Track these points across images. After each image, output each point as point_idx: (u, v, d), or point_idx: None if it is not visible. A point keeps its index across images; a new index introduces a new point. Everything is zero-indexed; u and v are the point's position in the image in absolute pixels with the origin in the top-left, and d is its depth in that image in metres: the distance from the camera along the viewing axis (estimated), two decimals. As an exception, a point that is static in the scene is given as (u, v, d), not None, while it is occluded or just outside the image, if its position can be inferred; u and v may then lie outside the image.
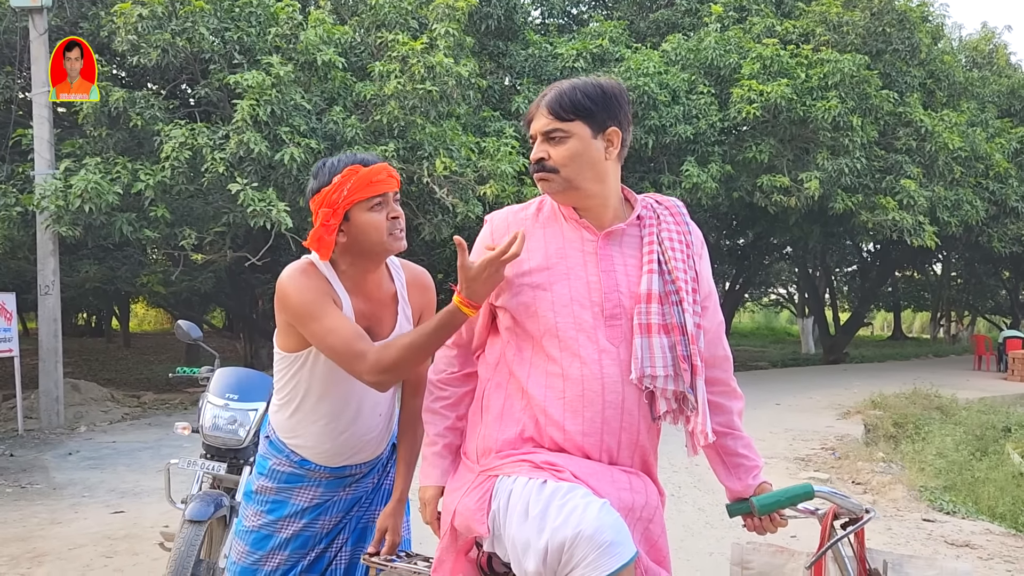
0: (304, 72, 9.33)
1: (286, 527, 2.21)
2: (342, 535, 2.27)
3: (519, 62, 12.29)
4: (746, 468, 1.96)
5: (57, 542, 4.83)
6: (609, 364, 1.78)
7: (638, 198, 1.94)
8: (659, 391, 1.79)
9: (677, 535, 4.81)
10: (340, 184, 2.04)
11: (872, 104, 12.40)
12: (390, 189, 2.08)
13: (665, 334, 1.78)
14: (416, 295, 2.25)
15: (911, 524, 5.54)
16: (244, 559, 2.22)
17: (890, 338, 32.66)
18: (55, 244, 9.48)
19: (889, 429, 9.41)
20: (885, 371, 16.72)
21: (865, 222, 13.05)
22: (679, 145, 11.91)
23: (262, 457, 2.29)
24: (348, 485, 2.26)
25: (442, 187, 9.53)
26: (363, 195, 2.04)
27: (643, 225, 1.89)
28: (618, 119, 1.86)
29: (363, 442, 2.23)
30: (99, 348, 20.96)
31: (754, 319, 41.32)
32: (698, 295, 1.87)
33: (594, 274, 1.82)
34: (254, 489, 2.26)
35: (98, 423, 9.58)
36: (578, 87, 1.84)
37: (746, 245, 21.76)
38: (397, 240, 2.09)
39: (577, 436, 1.77)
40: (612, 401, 1.77)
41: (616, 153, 1.86)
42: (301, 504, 2.21)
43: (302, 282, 2.05)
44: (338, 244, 2.08)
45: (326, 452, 2.20)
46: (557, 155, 1.82)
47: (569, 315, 1.79)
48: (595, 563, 1.57)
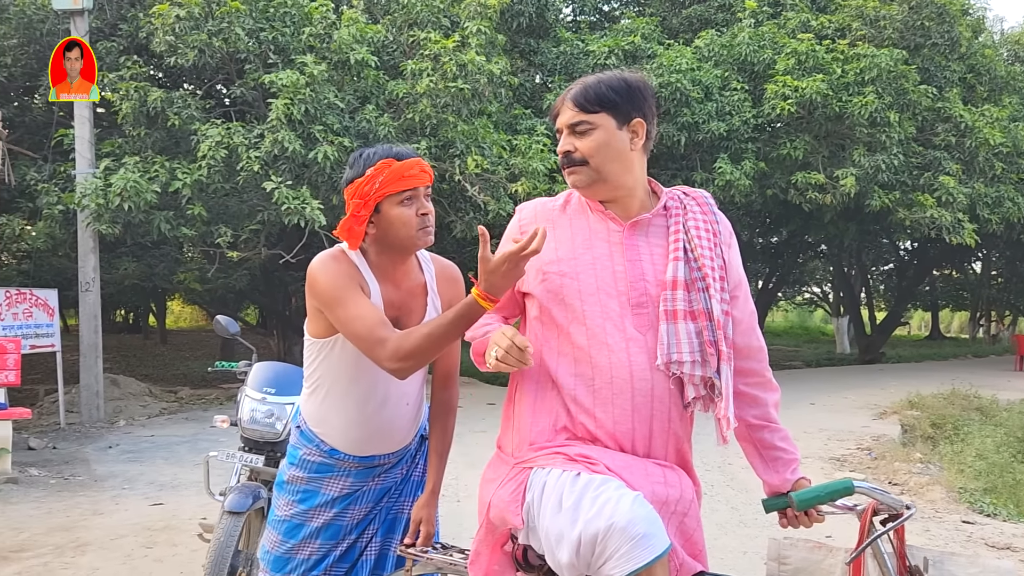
0: (337, 71, 9.41)
1: (317, 516, 2.23)
2: (372, 525, 2.28)
3: (550, 60, 12.28)
4: (784, 461, 1.94)
5: (99, 532, 4.94)
6: (637, 352, 1.78)
7: (664, 190, 1.96)
8: (687, 377, 1.79)
9: (711, 534, 4.77)
10: (373, 176, 2.06)
11: (910, 99, 12.20)
12: (421, 184, 2.10)
13: (691, 320, 1.79)
14: (445, 287, 2.28)
15: (950, 526, 5.45)
16: (277, 548, 2.25)
17: (927, 338, 32.12)
18: (95, 242, 9.67)
19: (927, 430, 9.25)
20: (922, 371, 16.44)
21: (902, 220, 12.84)
22: (712, 142, 11.82)
23: (293, 447, 2.31)
24: (377, 475, 2.28)
25: (474, 185, 9.56)
26: (394, 189, 2.06)
27: (669, 215, 1.91)
28: (643, 111, 1.88)
29: (390, 431, 2.24)
30: (137, 344, 21.32)
31: (787, 318, 40.88)
32: (726, 283, 1.87)
33: (620, 263, 1.83)
34: (285, 479, 2.29)
35: (137, 417, 9.76)
36: (602, 80, 1.87)
37: (780, 243, 21.53)
38: (426, 235, 2.11)
39: (608, 424, 1.78)
40: (641, 389, 1.78)
41: (641, 144, 1.89)
42: (331, 494, 2.23)
43: (331, 267, 2.08)
44: (368, 235, 2.11)
45: (354, 440, 2.22)
46: (584, 147, 1.85)
47: (596, 303, 1.80)
48: (628, 555, 1.57)
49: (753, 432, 1.95)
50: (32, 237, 10.14)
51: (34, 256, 11.26)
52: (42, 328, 8.69)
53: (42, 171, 10.16)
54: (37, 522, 5.16)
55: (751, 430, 1.96)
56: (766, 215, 17.72)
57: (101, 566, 4.31)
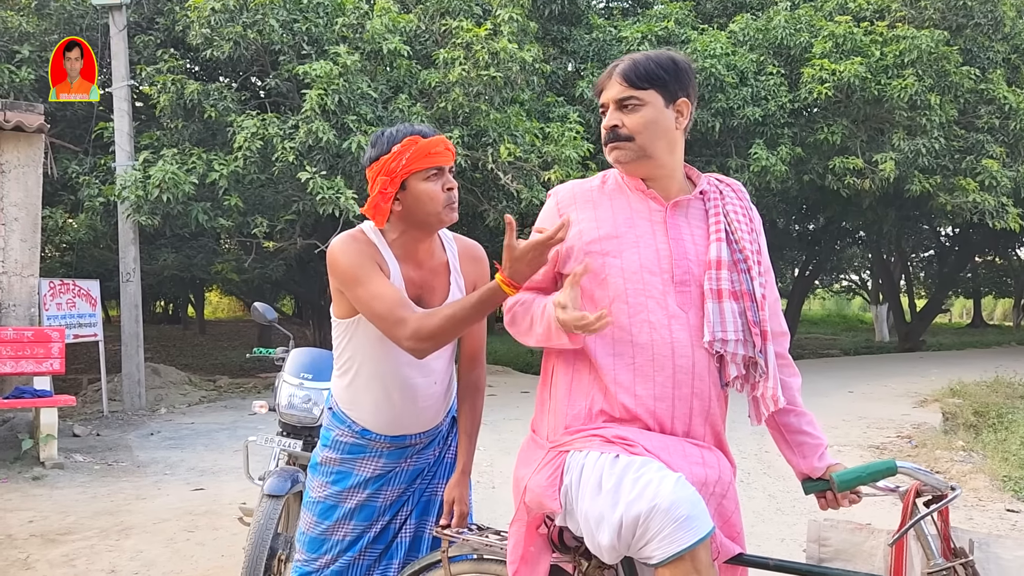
0: (370, 61, 9.45)
1: (351, 497, 2.24)
2: (406, 507, 2.29)
3: (583, 47, 12.19)
4: (810, 446, 1.94)
5: (143, 516, 5.04)
6: (679, 329, 1.79)
7: (700, 175, 1.97)
8: (729, 355, 1.80)
9: (748, 521, 4.73)
10: (399, 153, 2.08)
11: (951, 81, 11.90)
12: (447, 162, 2.13)
13: (735, 300, 1.80)
14: (469, 266, 2.29)
15: (994, 514, 5.35)
16: (312, 529, 2.27)
17: (969, 326, 31.50)
18: (135, 233, 9.84)
19: (969, 418, 9.07)
20: (964, 359, 16.12)
21: (943, 205, 12.56)
22: (747, 128, 11.66)
23: (326, 429, 2.33)
24: (409, 456, 2.28)
25: (506, 173, 9.55)
26: (421, 165, 2.08)
27: (707, 199, 1.92)
28: (687, 91, 1.90)
29: (420, 410, 2.25)
30: (176, 335, 21.69)
31: (825, 306, 40.34)
32: (763, 267, 1.88)
33: (663, 242, 1.84)
34: (319, 461, 2.30)
35: (177, 405, 9.93)
36: (651, 57, 1.87)
37: (817, 230, 21.20)
38: (451, 211, 2.13)
39: (648, 401, 1.77)
40: (682, 366, 1.78)
41: (684, 124, 1.90)
42: (364, 475, 2.24)
43: (350, 247, 2.10)
44: (393, 213, 2.13)
45: (384, 421, 2.22)
46: (631, 123, 1.84)
47: (639, 281, 1.80)
48: (671, 537, 1.56)
49: (779, 417, 1.96)
50: (74, 229, 10.34)
51: (76, 248, 11.49)
52: (85, 318, 8.87)
53: (83, 164, 10.35)
54: (83, 506, 5.28)
55: (777, 415, 1.96)
56: (802, 201, 17.45)
57: (145, 549, 4.40)
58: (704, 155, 12.19)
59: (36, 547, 4.40)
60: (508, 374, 13.01)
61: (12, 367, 6.70)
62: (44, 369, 6.80)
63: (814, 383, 11.30)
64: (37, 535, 4.61)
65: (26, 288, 7.23)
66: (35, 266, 7.32)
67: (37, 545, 4.44)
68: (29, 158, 7.29)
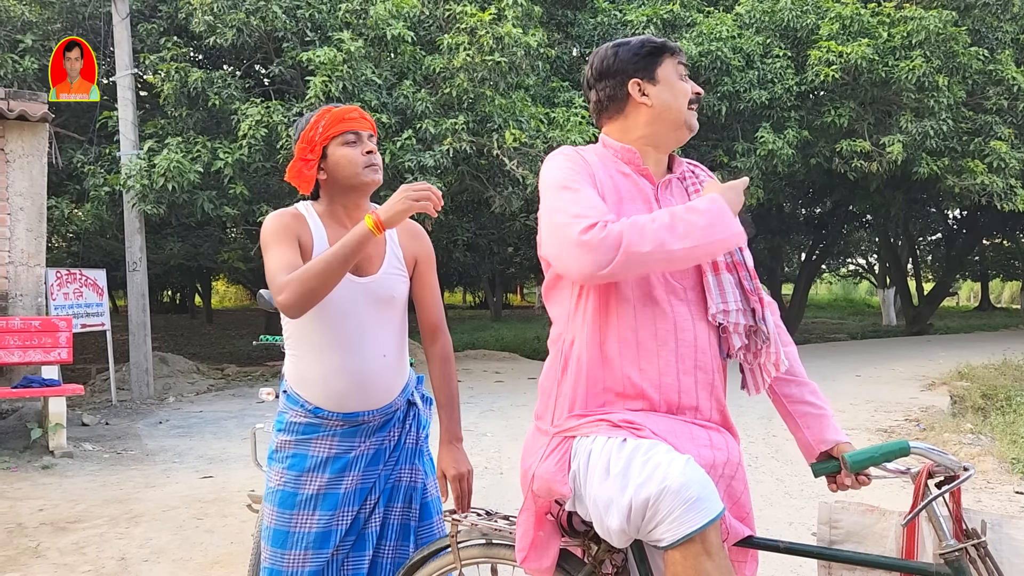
0: (374, 47, 9.41)
1: (309, 483, 2.19)
2: (372, 495, 2.25)
3: (588, 31, 12.11)
4: (814, 416, 1.93)
5: (152, 504, 5.06)
6: (678, 304, 1.80)
7: (676, 159, 2.01)
8: (732, 326, 1.82)
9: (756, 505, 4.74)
10: (315, 123, 2.20)
11: (960, 63, 11.80)
12: (362, 128, 2.22)
13: (729, 272, 1.83)
14: (407, 240, 2.32)
15: (1003, 496, 5.34)
16: (275, 521, 2.20)
17: (977, 309, 31.43)
18: (141, 222, 9.85)
19: (977, 401, 9.04)
20: (972, 342, 16.07)
21: (951, 187, 12.48)
22: (753, 111, 11.59)
23: (280, 413, 2.29)
24: (364, 436, 2.25)
25: (512, 159, 9.52)
26: (337, 130, 2.19)
27: (684, 179, 1.96)
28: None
29: (368, 383, 2.22)
30: (184, 324, 21.77)
31: (832, 290, 40.27)
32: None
33: None
34: (275, 447, 2.26)
35: (185, 394, 9.97)
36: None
37: (823, 214, 21.10)
38: (373, 172, 2.21)
39: (654, 375, 1.77)
40: (685, 339, 1.79)
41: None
42: (320, 455, 2.21)
43: (273, 220, 2.18)
44: (319, 183, 2.24)
45: (335, 395, 2.20)
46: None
47: None
48: (681, 518, 1.55)
49: (781, 388, 1.96)
50: (80, 219, 10.37)
51: (83, 237, 11.52)
52: (92, 307, 8.89)
53: (88, 153, 10.36)
54: (92, 494, 5.31)
55: (779, 385, 1.96)
56: (809, 185, 17.36)
57: (154, 536, 4.42)
58: (710, 139, 12.12)
59: (46, 535, 4.43)
60: (515, 360, 13.02)
61: (20, 357, 6.73)
62: (52, 358, 6.83)
63: (821, 367, 11.28)
64: (47, 523, 4.64)
65: (33, 278, 7.25)
66: (41, 256, 7.32)
67: (47, 533, 4.46)
68: (33, 147, 7.29)
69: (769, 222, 18.35)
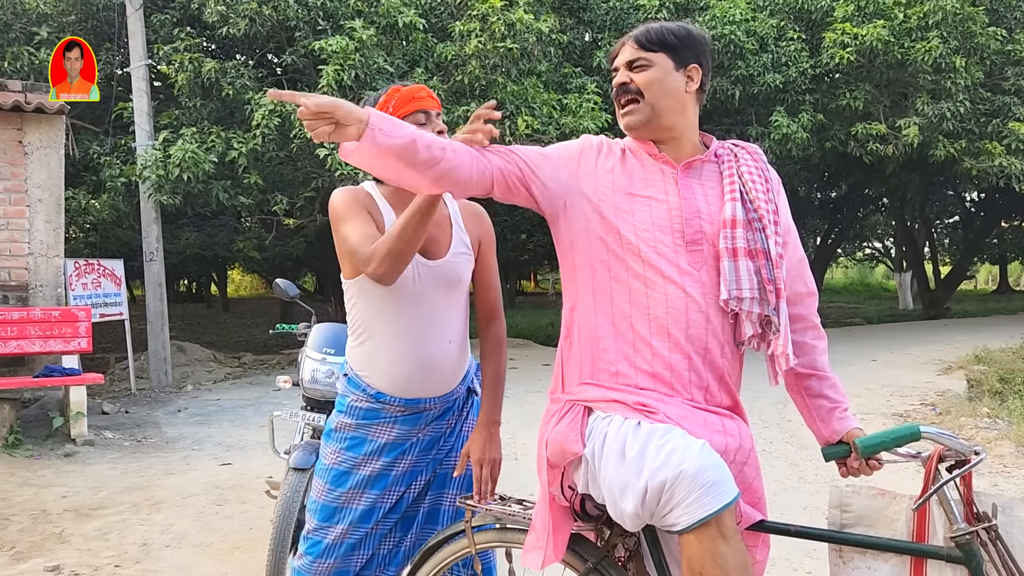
0: (386, 35, 9.41)
1: (365, 465, 2.23)
2: (421, 477, 2.28)
3: (600, 16, 12.04)
4: (827, 408, 1.93)
5: (172, 491, 5.14)
6: (691, 286, 1.80)
7: (714, 140, 1.98)
8: (744, 313, 1.80)
9: (770, 490, 4.75)
10: (384, 103, 2.15)
11: (977, 43, 11.66)
12: (432, 107, 2.18)
13: (750, 258, 1.80)
14: (472, 223, 2.33)
15: (1020, 480, 5.32)
16: (324, 496, 2.25)
17: (995, 292, 31.15)
18: (157, 212, 9.92)
19: (995, 385, 8.97)
20: (990, 326, 15.94)
21: (969, 169, 12.36)
22: (768, 95, 11.51)
23: (341, 396, 2.33)
24: (424, 423, 2.27)
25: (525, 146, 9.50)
26: (408, 109, 2.14)
27: (721, 162, 1.93)
28: (699, 59, 1.92)
29: (434, 370, 2.24)
30: (200, 313, 21.92)
31: (847, 275, 39.99)
32: (779, 227, 1.88)
33: (675, 201, 1.85)
34: (334, 427, 2.30)
35: (203, 382, 10.07)
36: (664, 24, 1.92)
37: (839, 198, 20.97)
38: None
39: (664, 352, 1.77)
40: (696, 320, 1.79)
41: (695, 89, 1.91)
42: (379, 441, 2.24)
43: (344, 195, 2.19)
44: None
45: (399, 380, 2.22)
46: (639, 79, 1.88)
47: (650, 239, 1.82)
48: (697, 502, 1.56)
49: (801, 381, 1.96)
50: (97, 210, 10.45)
51: (100, 228, 11.61)
52: (110, 297, 8.98)
53: (104, 145, 10.43)
54: (114, 481, 5.39)
55: (799, 379, 1.96)
56: (825, 169, 17.25)
57: (175, 522, 4.49)
58: (724, 123, 12.06)
59: (70, 521, 4.50)
60: (529, 347, 13.05)
61: (40, 347, 6.82)
62: (72, 348, 6.91)
63: (837, 352, 11.19)
64: (71, 510, 4.72)
65: (52, 269, 7.33)
66: (60, 247, 7.40)
67: (71, 520, 4.54)
68: (51, 139, 7.35)
69: (784, 206, 18.23)
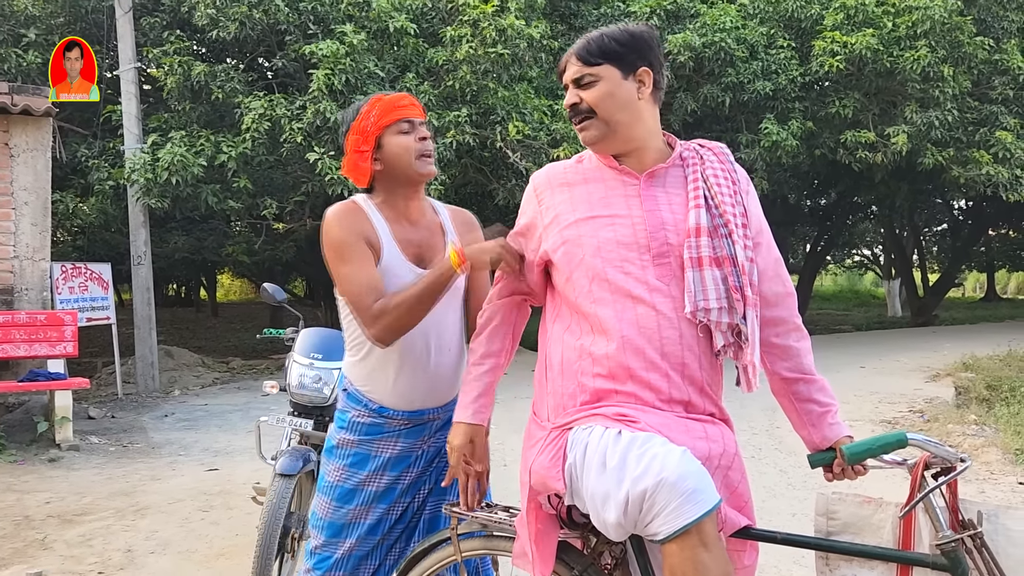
0: (377, 40, 9.39)
1: (372, 481, 2.20)
2: (425, 486, 2.27)
3: (591, 22, 12.04)
4: (816, 413, 1.90)
5: (158, 497, 5.10)
6: (662, 301, 1.77)
7: (679, 142, 1.95)
8: (713, 324, 1.78)
9: (759, 496, 4.74)
10: (367, 112, 2.16)
11: (965, 52, 11.72)
12: (416, 115, 2.18)
13: (716, 267, 1.77)
14: (463, 231, 2.32)
15: (1006, 487, 5.34)
16: (331, 515, 2.22)
17: (983, 299, 31.30)
18: (145, 216, 9.87)
19: (982, 392, 9.03)
20: (977, 333, 16.02)
21: (957, 178, 12.42)
22: (757, 102, 11.55)
23: (341, 411, 2.29)
24: (428, 435, 2.26)
25: (515, 151, 9.51)
26: (391, 119, 2.15)
27: (686, 165, 1.89)
28: (648, 60, 1.88)
29: (436, 380, 2.23)
30: (189, 317, 21.81)
31: (837, 282, 40.13)
32: (748, 230, 1.85)
33: (639, 215, 1.82)
34: (335, 444, 2.26)
35: (190, 387, 10.01)
36: (604, 32, 1.88)
37: (828, 205, 21.04)
38: (427, 163, 2.18)
39: (642, 373, 1.76)
40: (670, 337, 1.76)
41: (649, 93, 1.88)
42: (384, 456, 2.21)
43: (342, 220, 2.13)
44: (375, 174, 2.19)
45: (401, 394, 2.20)
46: (588, 97, 1.86)
47: (616, 259, 1.79)
48: (678, 510, 1.55)
49: (789, 385, 1.92)
50: (85, 213, 10.38)
51: (87, 231, 11.55)
52: (97, 301, 8.92)
53: (92, 148, 10.37)
54: (99, 487, 5.34)
55: (786, 384, 1.92)
56: (814, 176, 17.31)
57: (160, 528, 4.45)
58: (714, 130, 12.08)
59: (53, 527, 4.46)
60: (519, 353, 13.01)
61: (26, 350, 6.76)
62: (58, 352, 6.86)
63: (826, 359, 11.25)
64: (54, 516, 4.67)
65: (38, 272, 7.27)
66: (46, 250, 7.35)
67: (54, 525, 4.49)
68: (37, 142, 7.30)
69: (773, 213, 18.27)
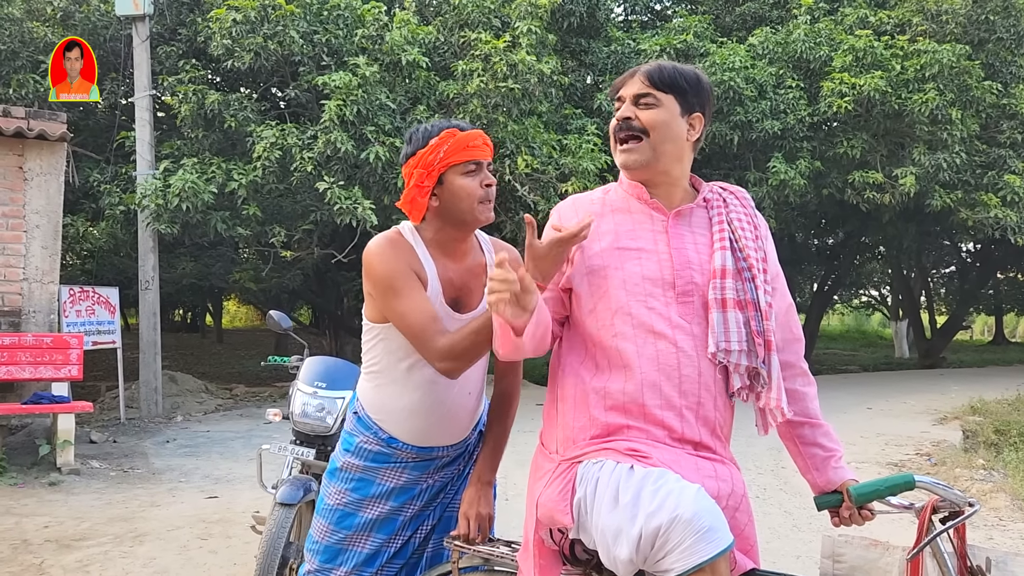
0: (389, 72, 9.51)
1: (371, 507, 2.16)
2: (427, 521, 2.22)
3: (601, 59, 12.20)
4: (821, 457, 1.90)
5: (156, 523, 5.06)
6: (683, 339, 1.76)
7: (703, 184, 1.96)
8: (732, 366, 1.77)
9: (764, 537, 4.68)
10: (437, 146, 2.02)
11: (973, 96, 11.81)
12: (485, 157, 2.07)
13: (739, 310, 1.77)
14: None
15: (1015, 533, 5.26)
16: (327, 537, 2.17)
17: (991, 343, 31.13)
18: (155, 241, 9.93)
19: (990, 436, 8.91)
20: (986, 376, 15.91)
21: (965, 220, 12.45)
22: (766, 141, 11.62)
23: (348, 434, 2.23)
24: (434, 469, 2.21)
25: (523, 185, 9.56)
26: (459, 159, 2.03)
27: (710, 207, 1.90)
28: (703, 108, 1.89)
29: (451, 421, 2.18)
30: (194, 343, 21.82)
31: (844, 322, 39.97)
32: (768, 275, 1.86)
33: (664, 252, 1.82)
34: (339, 466, 2.21)
35: (193, 413, 9.98)
36: (677, 66, 1.88)
37: (836, 245, 21.05)
38: (487, 210, 2.07)
39: (656, 411, 1.74)
40: (689, 375, 1.76)
41: (695, 139, 1.89)
42: (387, 485, 2.17)
43: (387, 253, 2.04)
44: (429, 209, 2.07)
45: (414, 430, 2.15)
46: (646, 117, 1.84)
47: (640, 293, 1.78)
48: (692, 548, 1.53)
49: (793, 429, 1.93)
50: (95, 237, 10.46)
51: (97, 255, 11.61)
52: (104, 325, 8.94)
53: (104, 173, 10.47)
54: (98, 512, 5.31)
55: (791, 427, 1.93)
56: (821, 216, 17.33)
57: (158, 556, 4.41)
58: (722, 168, 12.14)
59: (51, 552, 4.42)
60: (524, 387, 12.91)
61: (31, 373, 6.76)
62: (62, 375, 6.85)
63: (832, 399, 11.18)
64: (52, 540, 4.63)
65: (46, 295, 7.30)
66: (55, 273, 7.38)
67: (52, 550, 4.46)
68: (51, 166, 7.37)
69: (781, 252, 18.01)
